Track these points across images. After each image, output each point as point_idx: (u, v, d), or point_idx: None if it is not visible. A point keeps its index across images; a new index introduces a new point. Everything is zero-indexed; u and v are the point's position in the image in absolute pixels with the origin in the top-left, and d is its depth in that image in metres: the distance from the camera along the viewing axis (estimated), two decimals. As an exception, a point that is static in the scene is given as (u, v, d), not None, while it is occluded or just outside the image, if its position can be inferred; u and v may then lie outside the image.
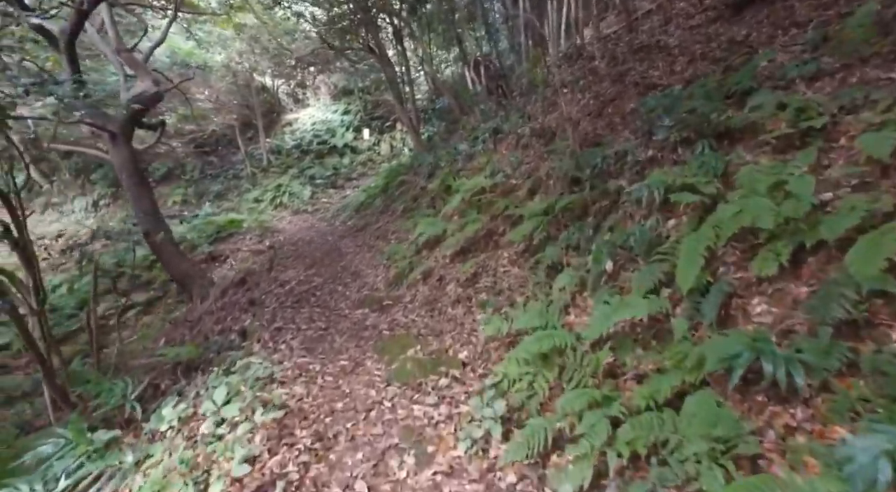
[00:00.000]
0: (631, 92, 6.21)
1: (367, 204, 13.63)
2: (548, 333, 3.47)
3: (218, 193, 17.33)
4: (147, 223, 7.50)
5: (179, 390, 4.52)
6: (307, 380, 4.11)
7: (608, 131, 5.76)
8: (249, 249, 11.84)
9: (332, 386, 4.03)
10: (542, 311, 4.21)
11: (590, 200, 4.99)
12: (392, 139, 20.30)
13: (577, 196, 5.04)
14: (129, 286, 12.12)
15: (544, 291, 4.76)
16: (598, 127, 5.98)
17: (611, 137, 5.51)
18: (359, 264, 8.17)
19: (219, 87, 17.80)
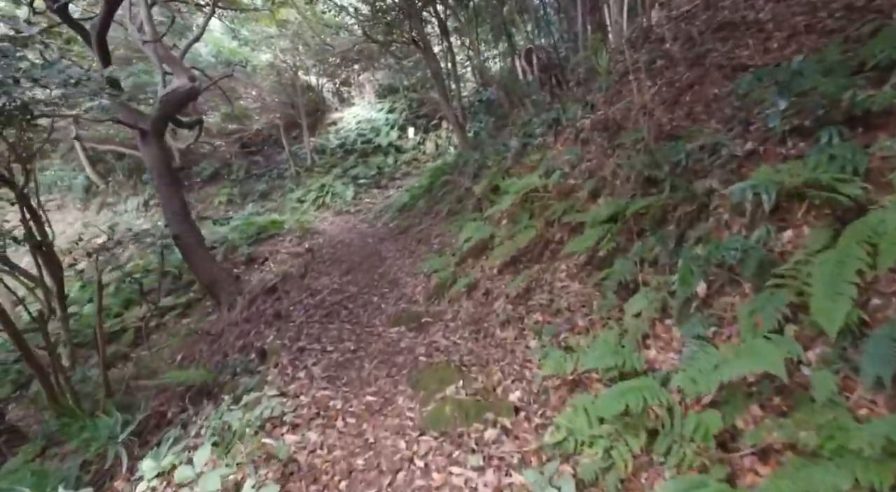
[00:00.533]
0: (713, 76, 5.23)
1: (409, 205, 12.98)
2: (633, 385, 2.62)
3: (262, 192, 17.12)
4: (176, 225, 7.07)
5: (184, 421, 3.94)
6: (325, 422, 3.42)
7: (689, 122, 4.81)
8: (288, 252, 11.39)
9: (353, 432, 3.32)
10: (614, 343, 3.36)
11: (670, 205, 4.08)
12: (437, 138, 19.62)
13: (653, 199, 4.13)
14: (170, 286, 11.95)
15: (614, 316, 3.90)
16: (675, 117, 5.03)
17: (694, 128, 4.56)
18: (398, 272, 7.48)
19: (264, 87, 17.60)
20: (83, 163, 17.56)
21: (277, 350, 4.66)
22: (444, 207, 9.63)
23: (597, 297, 4.36)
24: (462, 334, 4.73)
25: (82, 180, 17.95)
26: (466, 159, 10.69)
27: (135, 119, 7.11)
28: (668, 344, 3.30)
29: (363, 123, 20.21)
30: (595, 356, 3.13)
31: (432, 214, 10.56)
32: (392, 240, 10.27)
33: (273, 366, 4.35)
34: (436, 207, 10.60)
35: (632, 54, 6.90)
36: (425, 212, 11.12)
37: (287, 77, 18.39)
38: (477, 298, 5.36)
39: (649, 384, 2.57)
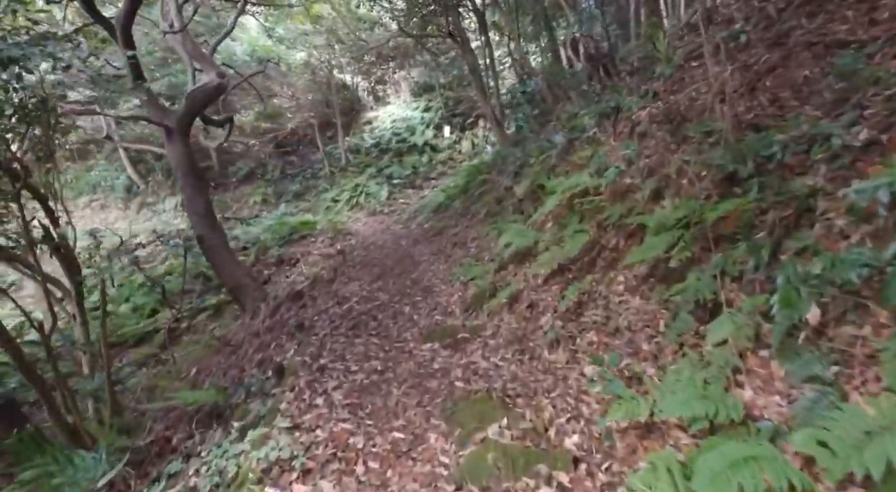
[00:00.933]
0: (801, 56, 4.46)
1: (445, 206, 12.43)
2: (742, 451, 1.95)
3: (296, 192, 16.89)
4: (201, 226, 6.70)
5: (189, 451, 3.49)
6: (342, 467, 2.86)
7: (775, 109, 4.06)
8: (320, 253, 11.00)
9: (376, 481, 2.73)
10: (696, 382, 2.69)
11: (759, 208, 3.37)
12: (474, 136, 19.03)
13: (738, 201, 3.42)
14: (202, 287, 11.75)
15: (689, 341, 3.23)
16: (756, 105, 4.29)
17: (789, 116, 3.82)
18: (432, 278, 6.93)
19: (298, 86, 17.37)
20: (125, 163, 17.74)
21: (296, 368, 4.16)
22: (481, 209, 9.02)
23: (663, 316, 3.68)
24: (504, 355, 4.11)
25: (124, 180, 18.16)
26: (506, 157, 10.06)
27: (161, 116, 6.78)
28: (769, 383, 2.61)
29: (398, 122, 19.79)
30: (677, 401, 2.47)
31: (469, 215, 9.98)
32: (426, 242, 9.73)
33: (289, 389, 3.84)
34: (472, 208, 10.01)
35: (690, 40, 6.15)
36: (461, 213, 10.54)
37: (322, 75, 18.13)
38: (520, 312, 4.74)
39: (768, 453, 1.91)
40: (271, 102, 14.01)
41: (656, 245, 3.77)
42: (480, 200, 9.49)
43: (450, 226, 10.09)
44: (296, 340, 4.84)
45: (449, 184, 14.54)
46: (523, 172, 7.87)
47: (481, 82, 12.25)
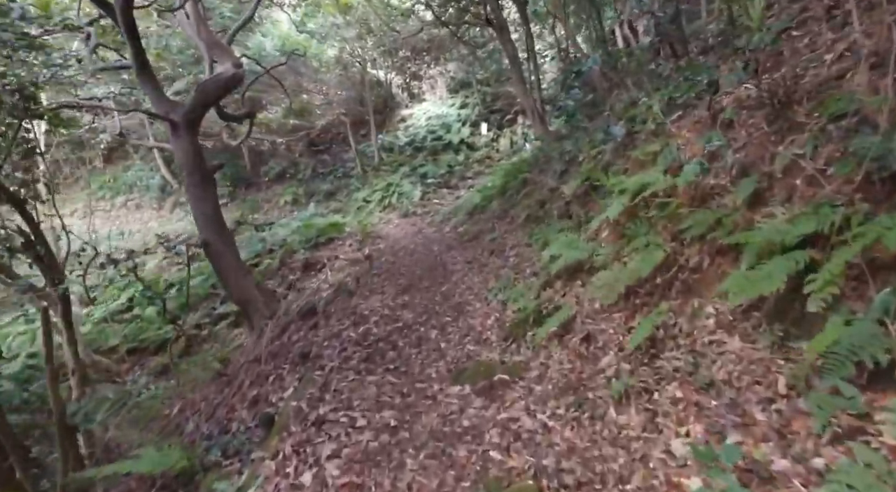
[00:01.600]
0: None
1: (481, 207, 11.45)
2: None
3: (327, 192, 16.22)
4: (207, 230, 5.94)
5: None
6: None
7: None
8: (347, 257, 10.20)
9: None
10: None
11: (946, 223, 2.26)
12: (512, 134, 17.96)
13: (908, 212, 2.32)
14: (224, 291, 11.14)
15: (850, 423, 2.15)
16: (903, 78, 3.13)
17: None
18: (465, 292, 5.97)
19: (330, 82, 16.68)
20: (159, 163, 17.50)
21: (288, 419, 3.26)
22: (521, 212, 8.00)
23: (782, 370, 2.61)
24: (555, 409, 3.11)
25: (158, 180, 17.93)
26: (549, 155, 8.99)
27: (166, 110, 6.05)
28: None
29: (433, 120, 18.89)
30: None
31: (507, 218, 8.97)
32: (460, 248, 8.77)
33: (271, 456, 2.96)
34: (511, 211, 9.00)
35: (792, 3, 4.96)
36: (499, 216, 9.54)
37: (354, 72, 17.40)
38: (573, 346, 3.72)
39: None
40: (301, 99, 13.31)
41: (772, 273, 2.68)
42: (520, 203, 8.47)
43: (486, 230, 9.10)
44: (297, 373, 3.97)
45: (485, 184, 13.54)
46: (571, 171, 6.81)
47: (521, 74, 11.18)
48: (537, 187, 8.14)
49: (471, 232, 9.43)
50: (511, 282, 5.60)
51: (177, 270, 14.13)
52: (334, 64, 16.81)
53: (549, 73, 17.82)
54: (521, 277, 5.68)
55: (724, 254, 3.45)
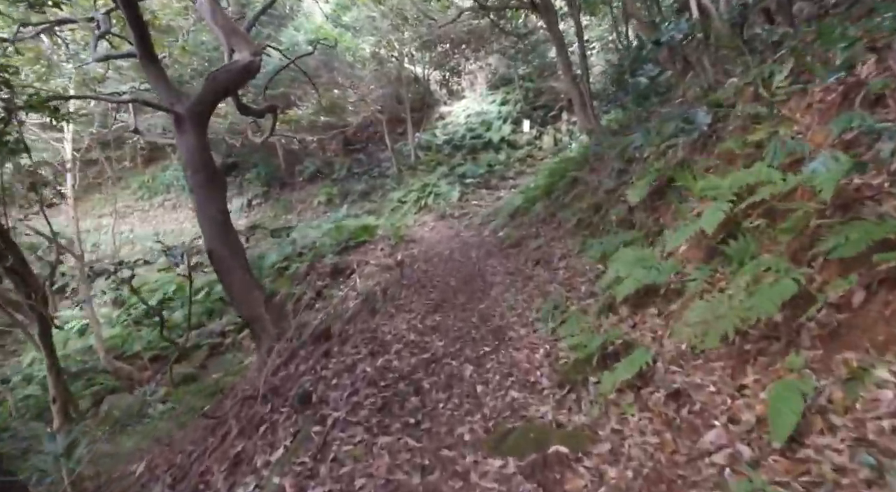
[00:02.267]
0: None
1: (524, 210, 10.41)
2: None
3: (362, 192, 15.49)
4: (212, 237, 5.18)
5: None
6: None
7: None
8: (378, 263, 9.36)
9: None
10: None
11: None
12: (556, 131, 16.83)
13: None
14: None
15: None
16: None
17: None
18: (507, 313, 4.98)
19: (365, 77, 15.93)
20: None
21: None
22: (570, 216, 6.94)
23: None
24: (642, 516, 2.10)
25: (191, 180, 17.67)
26: (601, 151, 7.89)
27: (171, 101, 5.31)
28: None
29: (473, 117, 17.93)
30: None
31: (553, 223, 7.92)
32: (500, 256, 7.78)
33: None
34: (559, 215, 7.96)
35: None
36: (544, 220, 8.49)
37: (391, 68, 16.61)
38: (657, 407, 2.69)
39: None
40: (332, 95, 12.59)
41: None
42: (570, 206, 7.41)
43: (530, 236, 8.08)
44: (292, 427, 3.10)
45: (528, 184, 12.50)
46: (634, 170, 5.71)
47: (569, 62, 10.08)
48: (589, 189, 7.07)
49: (513, 237, 8.41)
50: (562, 302, 4.57)
51: (203, 274, 13.69)
52: (370, 59, 16.06)
53: (596, 66, 16.57)
54: (573, 298, 4.65)
55: (891, 285, 2.35)
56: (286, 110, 11.80)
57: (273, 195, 16.64)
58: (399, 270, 8.10)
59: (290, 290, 9.79)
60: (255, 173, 16.74)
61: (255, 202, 16.64)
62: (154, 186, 17.88)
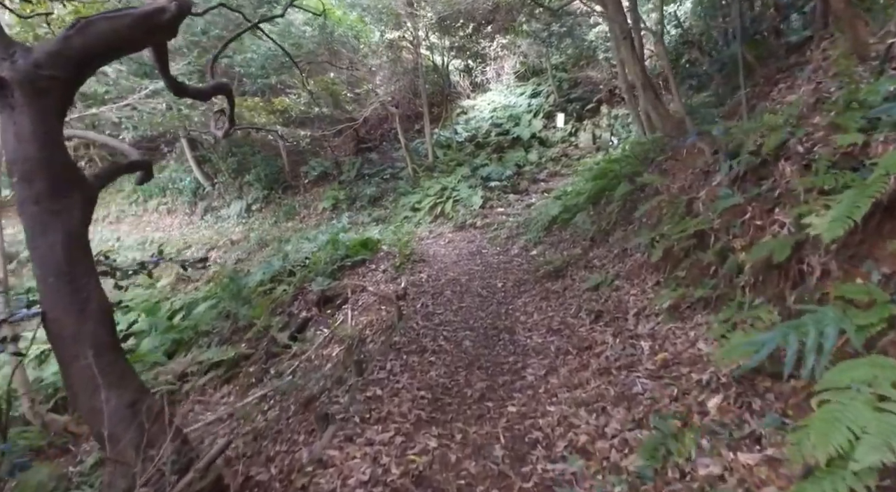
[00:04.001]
0: None
1: (563, 221, 8.13)
2: None
3: (372, 197, 13.34)
4: (49, 292, 3.00)
5: None
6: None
7: None
8: (377, 292, 7.18)
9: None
10: None
11: None
12: (595, 127, 14.44)
13: None
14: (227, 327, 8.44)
15: None
16: None
17: None
18: (556, 436, 2.71)
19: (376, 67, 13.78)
20: (191, 163, 15.34)
21: None
22: (639, 236, 4.63)
23: None
24: None
25: (190, 182, 15.81)
26: (678, 145, 5.56)
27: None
28: None
29: (499, 111, 15.63)
30: None
31: (608, 241, 5.64)
32: (537, 291, 5.50)
33: None
34: (615, 230, 5.66)
35: None
36: (594, 239, 6.20)
37: (406, 57, 14.44)
38: None
39: None
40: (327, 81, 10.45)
41: None
42: (641, 227, 5.07)
43: (575, 259, 5.80)
44: None
45: (565, 188, 10.18)
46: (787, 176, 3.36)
47: (632, 41, 7.62)
48: (669, 202, 4.74)
49: (553, 263, 6.10)
50: (672, 436, 2.28)
51: (193, 289, 11.73)
52: (382, 46, 13.90)
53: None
54: (688, 428, 2.35)
55: None
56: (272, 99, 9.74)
57: (274, 199, 14.65)
58: (398, 308, 5.88)
59: (268, 322, 7.70)
60: (253, 174, 14.76)
61: (255, 208, 14.65)
62: (148, 189, 16.14)
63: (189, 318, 9.79)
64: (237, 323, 7.99)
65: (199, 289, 11.13)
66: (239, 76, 11.57)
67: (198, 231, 14.29)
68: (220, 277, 9.79)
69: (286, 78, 10.96)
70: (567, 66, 16.36)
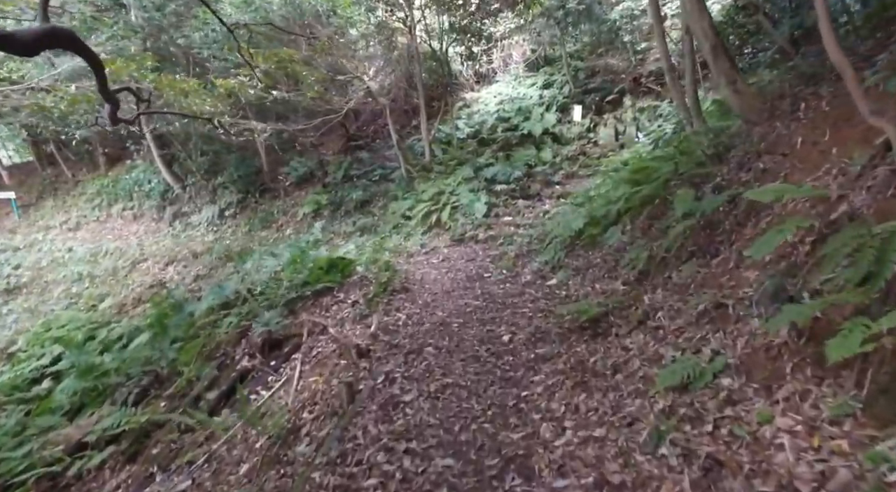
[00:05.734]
0: None
1: (590, 237, 6.06)
2: None
3: (358, 201, 11.29)
4: None
5: None
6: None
7: None
8: (338, 338, 5.11)
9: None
10: None
11: None
12: (617, 120, 12.35)
13: None
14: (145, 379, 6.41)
15: None
16: None
17: None
18: None
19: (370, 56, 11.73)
20: (158, 163, 13.33)
21: None
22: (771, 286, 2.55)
23: None
24: None
25: (159, 185, 13.81)
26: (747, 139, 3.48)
27: None
28: None
29: (506, 104, 13.53)
30: None
31: (670, 281, 3.53)
32: (562, 356, 3.42)
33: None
34: (685, 263, 3.56)
35: None
36: (645, 269, 4.10)
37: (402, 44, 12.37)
38: None
39: None
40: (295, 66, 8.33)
41: None
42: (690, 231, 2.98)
43: (620, 307, 3.71)
44: None
45: (588, 192, 8.08)
46: None
47: None
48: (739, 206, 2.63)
49: (583, 307, 4.00)
50: None
51: (142, 311, 9.73)
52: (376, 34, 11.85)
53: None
54: None
55: None
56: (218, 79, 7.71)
57: (250, 204, 12.64)
58: (347, 390, 3.79)
59: (198, 371, 5.68)
60: (227, 176, 12.74)
61: (229, 214, 12.65)
62: (114, 192, 14.19)
63: (117, 357, 7.74)
64: (162, 370, 6.00)
65: (150, 311, 9.17)
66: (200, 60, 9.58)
67: (162, 240, 12.30)
68: (160, 301, 7.75)
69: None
70: (584, 54, 14.24)
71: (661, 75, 12.60)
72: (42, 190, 14.92)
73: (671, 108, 11.24)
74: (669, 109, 11.21)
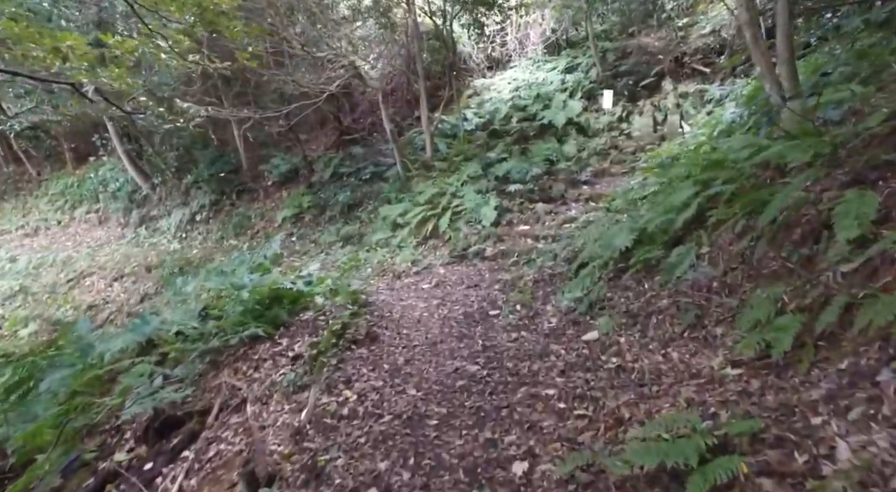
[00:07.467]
0: None
1: (643, 261, 3.97)
2: None
3: (345, 204, 9.34)
4: None
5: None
6: None
7: None
8: (252, 430, 3.14)
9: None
10: None
11: None
12: (655, 108, 10.24)
13: None
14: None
15: None
16: None
17: None
18: None
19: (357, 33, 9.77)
20: (123, 161, 11.53)
21: None
22: None
23: None
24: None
25: (126, 185, 12.01)
26: None
27: None
28: None
29: (523, 91, 11.47)
30: None
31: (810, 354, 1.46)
32: None
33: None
34: None
35: None
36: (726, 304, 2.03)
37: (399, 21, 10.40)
38: None
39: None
40: (224, 19, 6.30)
41: None
42: None
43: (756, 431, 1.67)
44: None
45: (628, 193, 5.99)
46: None
47: None
48: None
49: (634, 368, 1.99)
50: None
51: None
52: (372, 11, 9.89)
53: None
54: None
55: None
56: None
57: (225, 207, 10.80)
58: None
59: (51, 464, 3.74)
60: (195, 173, 10.89)
61: (200, 218, 10.81)
62: (78, 193, 12.50)
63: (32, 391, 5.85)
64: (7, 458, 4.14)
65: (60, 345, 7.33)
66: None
67: (119, 249, 10.52)
68: (61, 336, 5.86)
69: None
70: (612, 34, 12.12)
71: (709, 54, 10.42)
72: (3, 190, 13.31)
73: (722, 92, 9.11)
74: (721, 93, 9.08)
